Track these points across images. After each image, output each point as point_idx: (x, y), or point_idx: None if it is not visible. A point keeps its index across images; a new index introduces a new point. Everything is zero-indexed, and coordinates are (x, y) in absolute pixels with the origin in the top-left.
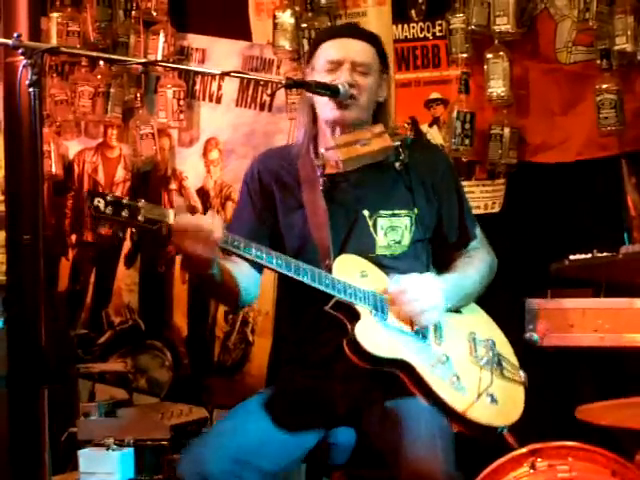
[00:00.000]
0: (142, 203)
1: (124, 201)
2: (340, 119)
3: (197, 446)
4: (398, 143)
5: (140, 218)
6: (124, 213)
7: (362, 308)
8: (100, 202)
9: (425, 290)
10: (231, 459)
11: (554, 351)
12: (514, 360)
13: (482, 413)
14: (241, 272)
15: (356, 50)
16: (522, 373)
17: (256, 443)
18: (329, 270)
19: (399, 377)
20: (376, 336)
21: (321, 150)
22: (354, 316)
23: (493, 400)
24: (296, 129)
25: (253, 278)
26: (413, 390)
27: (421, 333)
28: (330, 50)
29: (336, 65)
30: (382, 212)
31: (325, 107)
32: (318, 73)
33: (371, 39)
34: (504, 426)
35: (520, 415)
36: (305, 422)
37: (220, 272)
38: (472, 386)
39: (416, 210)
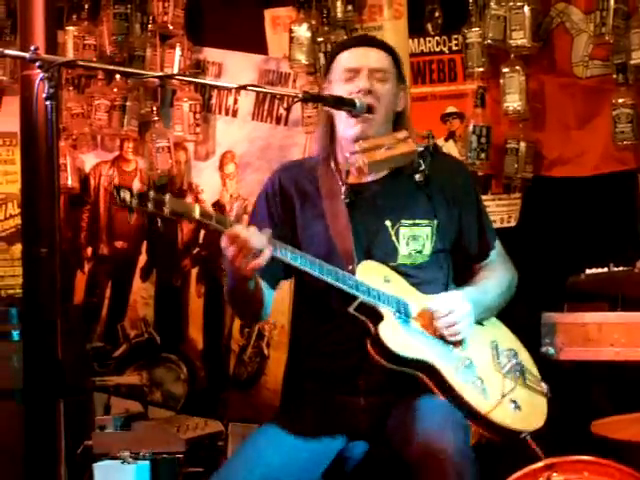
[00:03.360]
0: (168, 197)
1: (150, 194)
2: (361, 134)
3: (221, 475)
4: (422, 148)
5: (165, 210)
6: (150, 205)
7: (385, 310)
8: (126, 194)
9: (461, 311)
10: None
11: (570, 365)
12: (535, 371)
13: (505, 416)
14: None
15: (373, 57)
16: (544, 384)
17: (280, 467)
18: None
19: (422, 380)
20: (400, 336)
21: (346, 155)
22: (377, 318)
23: (516, 406)
24: (314, 141)
25: (270, 294)
26: (436, 391)
27: (443, 339)
28: (347, 59)
29: (354, 73)
30: (404, 221)
31: (345, 124)
32: (336, 83)
33: (387, 48)
34: (527, 432)
35: (543, 423)
36: (325, 436)
37: (255, 286)
38: (495, 389)
39: (436, 220)
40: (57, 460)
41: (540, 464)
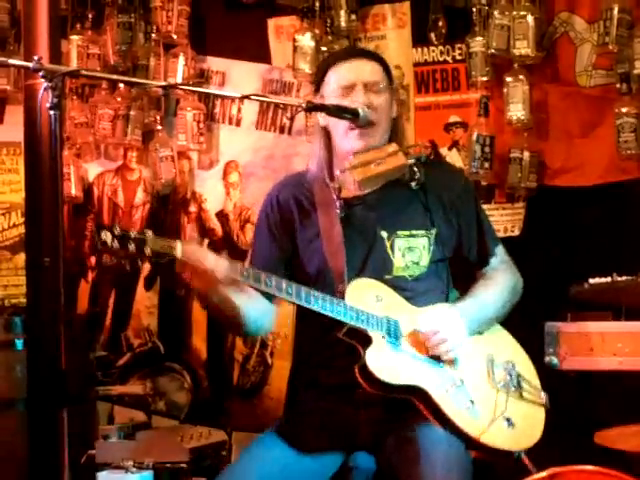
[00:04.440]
0: (149, 235)
1: (131, 234)
2: (363, 149)
3: None
4: (412, 161)
5: (147, 251)
6: (131, 247)
7: (375, 334)
8: (107, 236)
9: (451, 329)
10: None
11: (574, 374)
12: (535, 381)
13: (497, 438)
14: (249, 303)
15: (366, 70)
16: (543, 395)
17: (279, 478)
18: (342, 295)
19: (413, 404)
20: (388, 362)
21: (336, 173)
22: (367, 342)
23: (510, 424)
24: (310, 155)
25: (264, 309)
26: (427, 415)
27: (435, 357)
28: (340, 74)
29: (349, 89)
30: (400, 232)
31: (345, 138)
32: (330, 100)
33: (376, 58)
34: (521, 450)
35: (539, 438)
36: (325, 447)
37: (219, 300)
38: (487, 410)
39: (434, 230)
40: (61, 469)
41: (543, 474)
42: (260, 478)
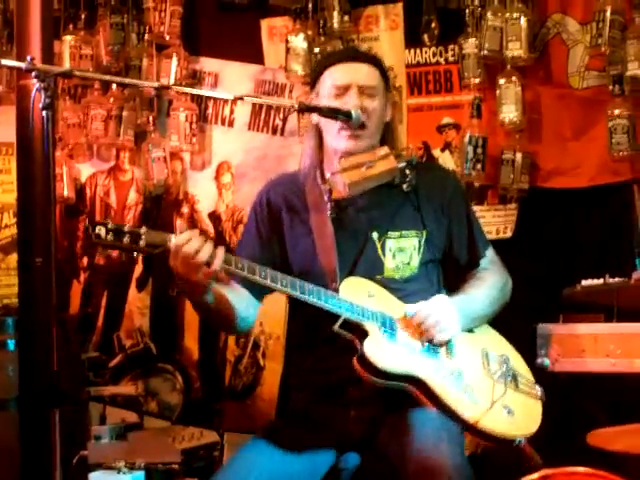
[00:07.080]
0: (143, 229)
1: (125, 228)
2: (353, 150)
3: None
4: (403, 164)
5: (141, 243)
6: (125, 239)
7: (370, 326)
8: (101, 230)
9: (443, 311)
10: None
11: (566, 376)
12: (529, 376)
13: (496, 423)
14: (239, 299)
15: (362, 73)
16: (538, 388)
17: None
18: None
19: (411, 392)
20: (386, 351)
21: (327, 175)
22: (363, 334)
23: (509, 412)
24: (302, 155)
25: (252, 306)
26: (426, 404)
27: (432, 349)
28: (336, 75)
29: (343, 90)
30: (390, 234)
31: (336, 138)
32: (324, 98)
33: (374, 61)
34: (521, 437)
35: (537, 427)
36: (316, 447)
37: (214, 299)
38: (485, 397)
39: (425, 231)
40: (53, 470)
41: (535, 475)
42: (256, 478)
